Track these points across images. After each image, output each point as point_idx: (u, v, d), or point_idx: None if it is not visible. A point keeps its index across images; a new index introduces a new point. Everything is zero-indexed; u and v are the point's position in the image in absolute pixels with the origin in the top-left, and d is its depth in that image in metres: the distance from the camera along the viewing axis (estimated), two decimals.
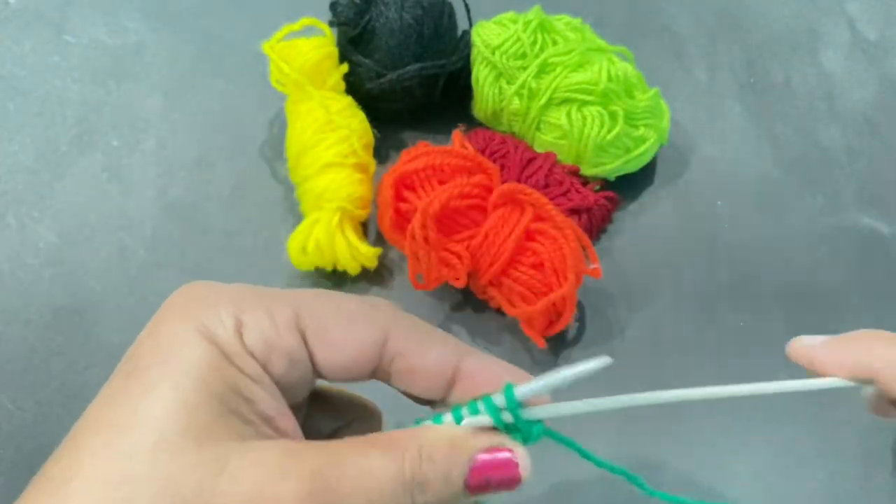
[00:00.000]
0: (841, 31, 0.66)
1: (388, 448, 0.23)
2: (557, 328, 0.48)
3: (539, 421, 0.24)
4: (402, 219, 0.49)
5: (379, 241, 0.53)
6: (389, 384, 0.26)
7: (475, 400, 0.24)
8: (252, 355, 0.23)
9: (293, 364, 0.24)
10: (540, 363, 0.50)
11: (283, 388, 0.24)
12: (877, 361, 0.27)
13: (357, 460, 0.22)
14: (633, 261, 0.54)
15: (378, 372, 0.26)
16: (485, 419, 0.24)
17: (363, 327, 0.24)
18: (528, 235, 0.48)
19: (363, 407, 0.30)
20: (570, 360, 0.50)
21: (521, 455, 0.24)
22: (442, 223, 0.48)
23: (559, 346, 0.51)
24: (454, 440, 0.23)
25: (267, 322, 0.23)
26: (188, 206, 0.55)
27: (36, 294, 0.51)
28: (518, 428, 0.24)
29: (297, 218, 0.53)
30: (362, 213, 0.52)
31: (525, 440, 0.24)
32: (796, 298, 0.54)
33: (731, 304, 0.53)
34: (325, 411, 0.29)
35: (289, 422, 0.23)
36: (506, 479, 0.24)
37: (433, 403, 0.27)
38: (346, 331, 0.24)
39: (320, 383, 0.27)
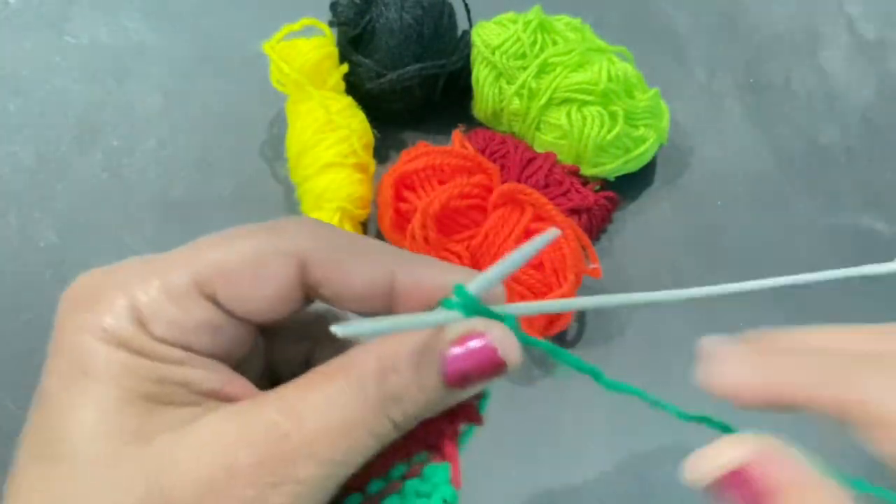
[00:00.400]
0: (840, 32, 0.66)
1: (343, 373, 0.21)
2: (557, 328, 0.48)
3: (509, 315, 0.22)
4: (402, 219, 0.49)
5: (379, 240, 0.53)
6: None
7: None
8: (165, 342, 0.21)
9: (216, 333, 0.22)
10: (540, 363, 0.50)
11: (219, 354, 0.22)
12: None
13: (312, 401, 0.20)
14: (633, 261, 0.54)
15: (308, 299, 0.23)
16: (452, 315, 0.21)
17: (271, 266, 0.22)
18: (528, 235, 0.48)
19: (328, 318, 0.27)
20: None
21: (498, 336, 0.21)
22: (442, 223, 0.48)
23: (559, 346, 0.51)
24: (415, 342, 0.21)
25: (166, 301, 0.21)
26: (188, 206, 0.55)
27: (37, 294, 0.51)
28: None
29: None
30: (362, 213, 0.52)
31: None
32: (796, 298, 0.54)
33: (731, 304, 0.53)
34: (288, 338, 0.26)
35: (237, 384, 0.22)
36: (487, 367, 0.21)
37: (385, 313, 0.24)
38: (253, 278, 0.22)
39: None
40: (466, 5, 0.58)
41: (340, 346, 0.25)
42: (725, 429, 0.22)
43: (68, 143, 0.57)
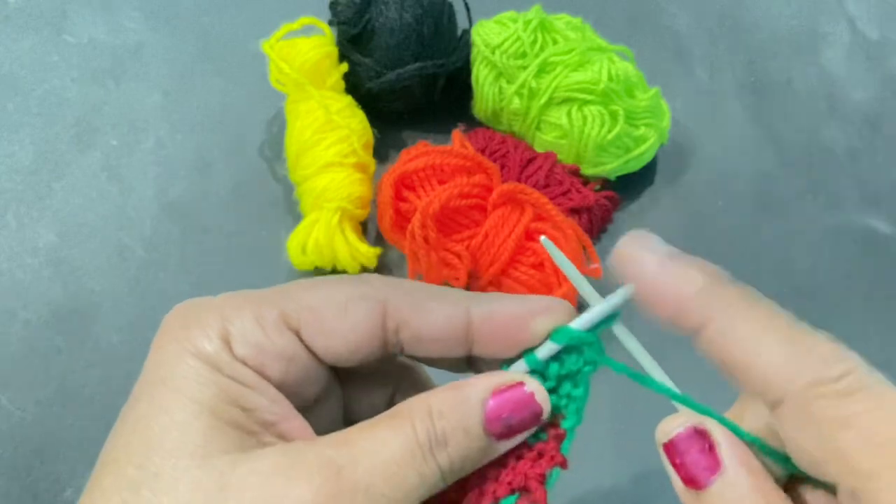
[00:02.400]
0: (842, 31, 0.66)
1: (396, 418, 0.22)
2: None
3: (594, 337, 0.25)
4: (402, 218, 0.49)
5: (379, 240, 0.53)
6: (407, 356, 0.26)
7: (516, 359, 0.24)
8: (244, 363, 0.22)
9: (291, 363, 0.23)
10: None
11: (289, 388, 0.23)
12: (712, 308, 0.23)
13: (366, 442, 0.21)
14: None
15: (389, 346, 0.25)
16: (521, 366, 0.24)
17: (356, 308, 0.24)
18: (528, 235, 0.48)
19: (407, 368, 0.29)
20: None
21: (534, 385, 0.24)
22: (442, 223, 0.48)
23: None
24: (458, 389, 0.23)
25: (254, 327, 0.23)
26: (188, 206, 0.55)
27: (35, 294, 0.51)
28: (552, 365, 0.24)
29: (297, 218, 0.53)
30: (362, 213, 0.52)
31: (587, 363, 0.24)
32: (796, 298, 0.54)
33: None
34: (370, 384, 0.28)
35: (294, 423, 0.23)
36: (526, 414, 0.23)
37: (465, 366, 0.26)
38: (338, 317, 0.23)
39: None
40: (466, 4, 0.58)
41: (419, 390, 0.27)
42: (706, 411, 0.23)
43: (67, 143, 0.57)
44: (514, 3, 0.56)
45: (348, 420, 0.27)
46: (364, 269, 0.51)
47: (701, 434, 0.22)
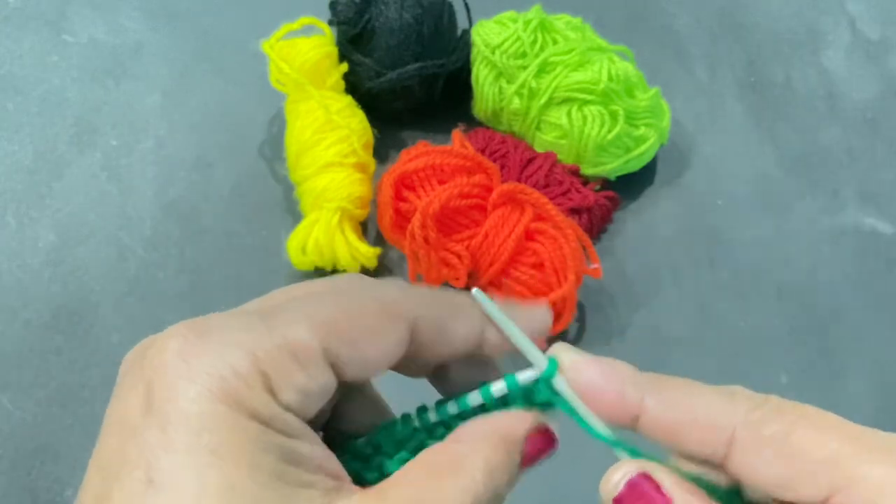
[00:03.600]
0: (842, 31, 0.66)
1: (456, 472, 0.22)
2: (557, 328, 0.48)
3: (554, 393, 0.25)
4: (402, 218, 0.49)
5: (379, 240, 0.53)
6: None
7: (491, 384, 0.24)
8: (289, 409, 0.20)
9: (327, 398, 0.21)
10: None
11: (317, 416, 0.22)
12: (643, 389, 0.23)
13: (441, 494, 0.21)
14: (633, 261, 0.54)
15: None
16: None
17: (394, 336, 0.22)
18: (528, 235, 0.48)
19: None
20: None
21: (551, 425, 0.25)
22: (442, 223, 0.48)
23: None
24: (507, 441, 0.23)
25: (294, 368, 0.20)
26: (187, 206, 0.55)
27: (35, 294, 0.51)
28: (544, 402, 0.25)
29: (297, 218, 0.53)
30: (362, 213, 0.52)
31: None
32: (796, 298, 0.54)
33: (731, 304, 0.53)
34: (359, 396, 0.27)
35: (330, 462, 0.21)
36: (548, 452, 0.25)
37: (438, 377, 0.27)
38: (375, 345, 0.22)
39: None
40: (466, 4, 0.58)
41: (369, 400, 0.27)
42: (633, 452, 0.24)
43: (67, 143, 0.57)
44: (514, 3, 0.56)
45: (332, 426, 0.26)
46: (364, 269, 0.51)
47: (645, 478, 0.23)
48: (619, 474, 0.23)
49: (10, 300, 0.51)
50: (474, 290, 0.25)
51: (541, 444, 0.24)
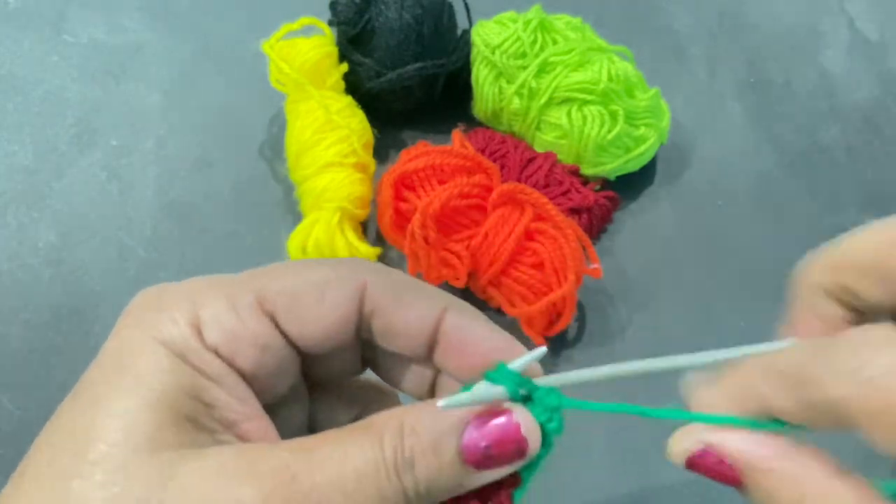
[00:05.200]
0: (841, 31, 0.66)
1: (365, 431, 0.21)
2: (557, 328, 0.48)
3: (553, 388, 0.22)
4: (401, 218, 0.49)
5: (379, 240, 0.53)
6: (374, 348, 0.25)
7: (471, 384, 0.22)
8: (215, 352, 0.21)
9: (266, 351, 0.22)
10: (540, 363, 0.50)
11: (259, 381, 0.22)
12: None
13: (328, 450, 0.20)
14: (633, 261, 0.54)
15: (361, 333, 0.24)
16: (497, 390, 0.21)
17: (334, 290, 0.22)
18: (528, 235, 0.48)
19: (377, 391, 0.27)
20: (571, 360, 0.50)
21: (523, 417, 0.21)
22: (442, 223, 0.48)
23: (559, 346, 0.51)
24: (440, 410, 0.21)
25: (227, 312, 0.21)
26: (188, 206, 0.55)
27: (35, 294, 0.51)
28: (533, 400, 0.22)
29: (297, 217, 0.53)
30: (362, 213, 0.52)
31: (546, 417, 0.22)
32: None
33: (731, 304, 0.53)
34: (337, 401, 0.27)
35: (257, 424, 0.22)
36: (509, 447, 0.21)
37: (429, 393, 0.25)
38: (316, 299, 0.22)
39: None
40: (466, 4, 0.58)
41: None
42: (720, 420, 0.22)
43: (67, 143, 0.57)
44: (514, 3, 0.56)
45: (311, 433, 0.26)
46: None
47: (709, 454, 0.22)
48: (681, 448, 0.22)
49: (10, 300, 0.51)
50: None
51: (491, 431, 0.21)
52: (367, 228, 0.54)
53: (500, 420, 0.21)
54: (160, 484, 0.19)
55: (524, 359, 0.22)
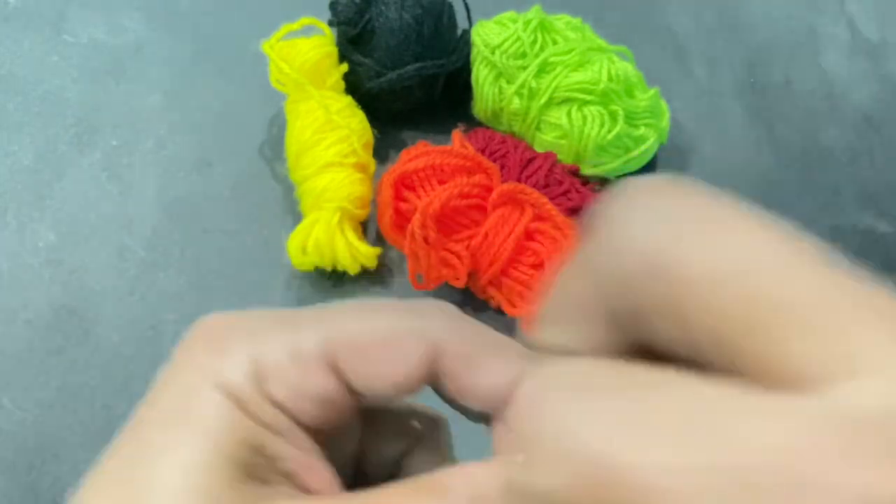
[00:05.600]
0: (841, 32, 0.66)
1: (436, 492, 0.19)
2: None
3: None
4: (402, 218, 0.49)
5: (379, 240, 0.53)
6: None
7: None
8: (277, 404, 0.20)
9: (328, 406, 0.20)
10: None
11: (318, 429, 0.21)
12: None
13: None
14: None
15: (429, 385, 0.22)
16: None
17: (406, 349, 0.21)
18: (528, 235, 0.48)
19: (427, 418, 0.26)
20: None
21: None
22: (442, 223, 0.48)
23: None
24: (506, 473, 0.20)
25: (292, 364, 0.20)
26: (188, 206, 0.55)
27: (35, 294, 0.51)
28: None
29: (297, 218, 0.53)
30: (362, 213, 0.52)
31: None
32: None
33: None
34: (383, 431, 0.25)
35: (319, 475, 0.20)
36: None
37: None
38: (386, 356, 0.21)
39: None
40: (466, 4, 0.58)
41: (437, 450, 0.25)
42: None
43: (67, 143, 0.57)
44: (514, 3, 0.56)
45: (360, 465, 0.25)
46: (364, 270, 0.51)
47: None
48: None
49: (10, 300, 0.51)
50: None
51: None
52: (367, 228, 0.54)
53: None
54: None
55: None
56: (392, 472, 0.24)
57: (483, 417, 0.23)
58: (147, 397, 0.20)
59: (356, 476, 0.24)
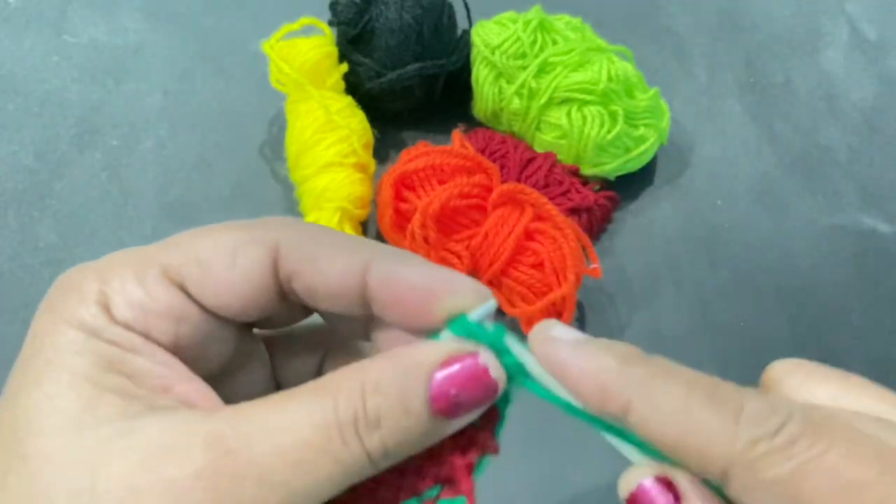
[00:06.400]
0: (841, 31, 0.66)
1: (316, 392, 0.19)
2: None
3: (501, 326, 0.21)
4: (402, 218, 0.49)
5: (379, 240, 0.53)
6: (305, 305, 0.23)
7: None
8: (126, 326, 0.20)
9: (180, 322, 0.21)
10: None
11: (187, 352, 0.21)
12: (629, 389, 0.19)
13: (271, 416, 0.18)
14: (633, 261, 0.54)
15: (288, 297, 0.22)
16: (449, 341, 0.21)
17: (244, 255, 0.21)
18: (528, 235, 0.48)
19: (338, 333, 0.25)
20: None
21: (488, 358, 0.20)
22: (442, 223, 0.48)
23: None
24: (400, 358, 0.20)
25: (134, 286, 0.20)
26: (188, 206, 0.55)
27: (36, 294, 0.51)
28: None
29: (297, 217, 0.53)
30: (362, 213, 0.52)
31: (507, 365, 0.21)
32: (796, 298, 0.54)
33: (732, 304, 0.53)
34: (298, 350, 0.25)
35: (192, 387, 0.20)
36: (479, 390, 0.20)
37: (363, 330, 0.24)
38: (224, 265, 0.21)
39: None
40: (466, 5, 0.58)
41: (354, 354, 0.24)
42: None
43: (67, 143, 0.57)
44: (514, 3, 0.56)
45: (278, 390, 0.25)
46: None
47: (666, 484, 0.19)
48: (638, 474, 0.20)
49: (10, 300, 0.51)
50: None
51: (460, 376, 0.20)
52: (367, 228, 0.54)
53: (468, 364, 0.20)
54: (90, 472, 0.18)
55: (480, 311, 0.21)
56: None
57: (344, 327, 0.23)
58: (19, 354, 0.21)
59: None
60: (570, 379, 0.20)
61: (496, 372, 0.20)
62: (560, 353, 0.20)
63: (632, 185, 0.57)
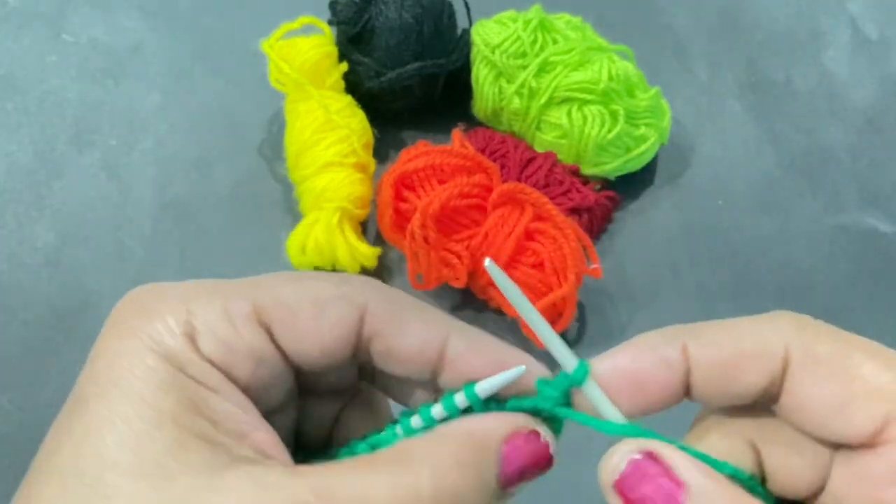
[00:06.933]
0: (842, 31, 0.66)
1: (398, 465, 0.19)
2: (558, 329, 0.48)
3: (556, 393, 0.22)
4: (401, 218, 0.49)
5: (379, 240, 0.53)
6: (374, 366, 0.24)
7: (454, 392, 0.22)
8: (210, 362, 0.20)
9: (261, 364, 0.21)
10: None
11: (255, 393, 0.21)
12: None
13: (355, 485, 0.19)
14: (633, 261, 0.54)
15: (359, 354, 0.23)
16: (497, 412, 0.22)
17: (334, 309, 0.21)
18: (528, 235, 0.48)
19: (358, 384, 0.26)
20: None
21: (548, 435, 0.21)
22: (442, 223, 0.48)
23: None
24: (474, 436, 0.20)
25: (222, 321, 0.20)
26: (187, 206, 0.55)
27: (35, 294, 0.51)
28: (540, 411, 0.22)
29: (297, 218, 0.53)
30: (362, 213, 0.52)
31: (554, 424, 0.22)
32: (796, 298, 0.54)
33: (732, 304, 0.53)
34: (319, 393, 0.25)
35: (265, 435, 0.21)
36: (540, 463, 0.21)
37: (411, 401, 0.24)
38: (314, 316, 0.21)
39: None
40: (466, 4, 0.58)
41: (373, 408, 0.25)
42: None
43: (66, 143, 0.57)
44: (514, 2, 0.56)
45: (298, 426, 0.25)
46: (364, 270, 0.51)
47: (652, 458, 0.20)
48: (620, 454, 0.21)
49: (9, 300, 0.51)
50: (487, 260, 0.23)
51: (526, 452, 0.21)
52: (367, 228, 0.54)
53: (532, 442, 0.21)
54: None
55: (499, 379, 0.22)
56: (330, 429, 0.25)
57: (404, 393, 0.24)
58: (85, 370, 0.20)
59: (297, 434, 0.24)
60: (637, 385, 0.22)
61: (554, 449, 0.22)
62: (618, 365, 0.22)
63: (632, 184, 0.56)
